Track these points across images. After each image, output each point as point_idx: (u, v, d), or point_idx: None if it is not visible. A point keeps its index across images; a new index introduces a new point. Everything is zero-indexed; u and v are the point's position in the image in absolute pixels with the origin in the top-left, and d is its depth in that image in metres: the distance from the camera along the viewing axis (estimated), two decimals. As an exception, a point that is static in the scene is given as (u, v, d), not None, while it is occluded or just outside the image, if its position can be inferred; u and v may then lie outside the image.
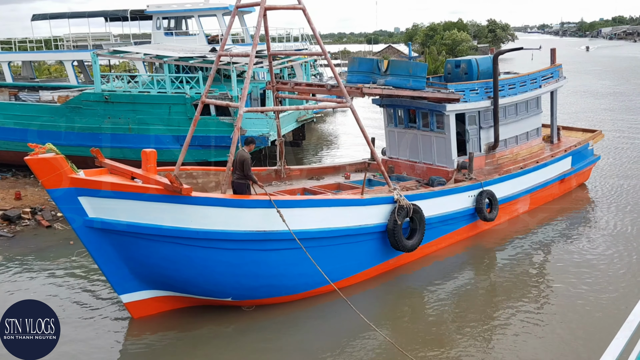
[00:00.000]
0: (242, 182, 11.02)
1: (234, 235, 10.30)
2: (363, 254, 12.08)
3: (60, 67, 42.38)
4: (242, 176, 11.00)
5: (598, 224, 15.77)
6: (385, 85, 13.75)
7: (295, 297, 11.39)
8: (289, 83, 14.56)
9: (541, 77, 17.07)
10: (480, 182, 14.26)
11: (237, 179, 11.07)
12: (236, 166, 11.02)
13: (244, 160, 10.94)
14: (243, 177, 11.01)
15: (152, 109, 19.67)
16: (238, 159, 10.99)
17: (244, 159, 10.96)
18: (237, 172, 11.05)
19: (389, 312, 11.56)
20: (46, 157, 9.44)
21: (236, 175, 11.07)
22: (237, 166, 11.00)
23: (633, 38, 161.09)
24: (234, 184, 11.13)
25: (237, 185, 11.06)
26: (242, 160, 10.95)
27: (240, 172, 10.99)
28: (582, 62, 78.94)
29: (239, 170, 11.00)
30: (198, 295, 11.08)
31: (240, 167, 10.95)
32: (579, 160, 18.19)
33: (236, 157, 11.02)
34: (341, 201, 11.66)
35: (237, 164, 10.99)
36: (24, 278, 13.01)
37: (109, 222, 10.05)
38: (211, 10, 27.96)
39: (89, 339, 10.38)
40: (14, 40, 33.33)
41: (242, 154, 11.04)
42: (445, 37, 73.21)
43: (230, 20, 12.13)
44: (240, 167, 10.96)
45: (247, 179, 11.00)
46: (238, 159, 10.99)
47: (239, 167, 10.98)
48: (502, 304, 11.37)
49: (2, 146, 21.27)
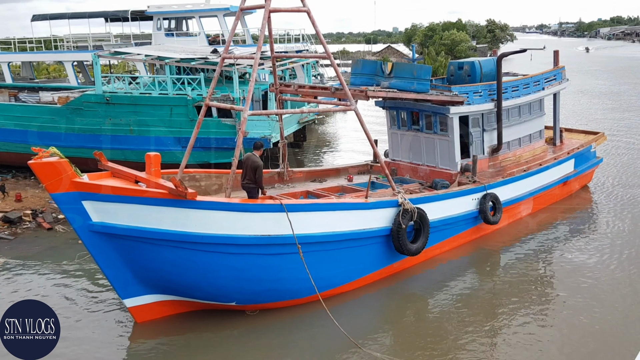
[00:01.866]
0: (254, 186, 11.11)
1: (239, 239, 10.23)
2: (367, 257, 12.02)
3: (59, 66, 42.25)
4: (254, 181, 11.06)
5: (600, 226, 15.74)
6: (389, 87, 13.69)
7: (299, 301, 11.32)
8: (293, 85, 14.48)
9: (544, 80, 17.03)
10: (484, 184, 14.21)
11: (247, 184, 11.12)
12: (247, 171, 11.04)
13: (257, 167, 10.99)
14: (254, 182, 11.06)
15: (153, 110, 19.60)
16: (250, 165, 11.01)
17: (257, 165, 11.00)
18: (247, 177, 11.08)
19: (392, 315, 11.51)
20: (50, 161, 9.37)
21: (246, 180, 11.11)
22: (249, 172, 11.02)
23: (631, 38, 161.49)
24: (246, 188, 11.20)
25: (250, 189, 11.15)
26: (256, 167, 10.99)
27: (252, 177, 11.03)
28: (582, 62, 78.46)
29: (250, 175, 11.02)
30: (202, 299, 11.02)
31: (253, 173, 10.99)
32: (582, 162, 18.15)
33: (247, 162, 11.04)
34: (346, 205, 11.59)
35: (249, 169, 11.01)
36: (25, 281, 12.90)
37: (112, 226, 9.98)
38: (212, 11, 27.92)
39: (92, 343, 10.30)
40: (14, 40, 33.21)
41: (255, 160, 11.07)
42: (444, 37, 73.13)
43: (234, 23, 12.04)
44: (252, 173, 10.99)
45: (257, 185, 11.08)
46: (250, 165, 11.01)
47: (250, 173, 11.01)
48: (505, 309, 11.31)
49: (2, 147, 21.17)
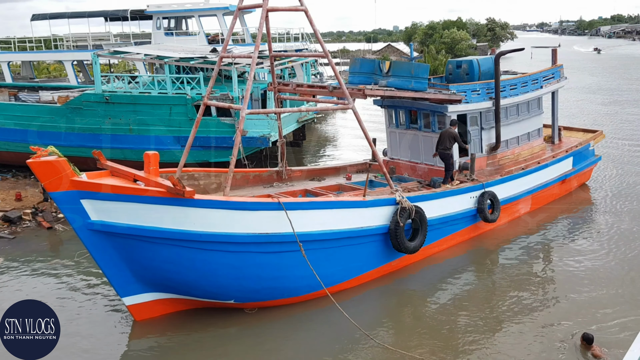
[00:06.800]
0: (448, 152, 13.84)
1: (237, 238, 10.27)
2: (365, 256, 12.07)
3: (60, 66, 42.29)
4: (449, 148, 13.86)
5: (599, 224, 15.78)
6: (387, 86, 13.72)
7: (298, 299, 11.38)
8: (291, 84, 14.52)
9: (542, 78, 17.06)
10: (482, 183, 14.25)
11: (443, 150, 13.84)
12: (444, 140, 13.81)
13: (455, 135, 13.79)
14: (449, 150, 13.86)
15: (152, 109, 19.64)
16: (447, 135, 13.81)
17: (454, 134, 13.82)
18: (442, 146, 13.86)
19: (390, 314, 11.55)
20: (49, 160, 9.41)
21: (441, 148, 13.87)
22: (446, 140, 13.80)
23: (632, 36, 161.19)
24: (441, 155, 13.93)
25: (445, 156, 13.87)
26: (454, 136, 13.76)
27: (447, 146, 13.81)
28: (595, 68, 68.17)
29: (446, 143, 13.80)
30: (201, 297, 11.07)
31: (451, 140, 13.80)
32: (580, 160, 18.19)
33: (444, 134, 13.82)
34: (344, 203, 11.63)
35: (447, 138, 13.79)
36: (24, 280, 12.97)
37: (111, 224, 10.02)
38: (211, 10, 27.94)
39: (91, 341, 10.36)
40: (14, 39, 33.24)
41: (451, 131, 13.79)
42: (445, 36, 73.14)
43: (232, 22, 12.05)
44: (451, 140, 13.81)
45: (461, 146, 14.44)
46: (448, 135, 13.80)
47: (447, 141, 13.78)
48: (503, 307, 11.35)
49: (2, 147, 21.22)
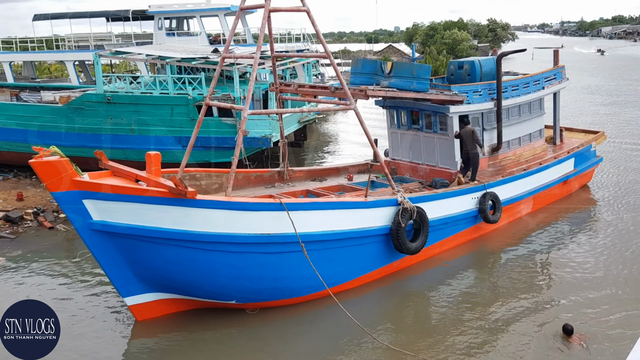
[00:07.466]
0: (475, 152, 14.09)
1: (239, 238, 10.27)
2: (367, 256, 12.06)
3: (61, 66, 42.33)
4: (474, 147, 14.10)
5: (600, 226, 15.75)
6: (388, 87, 13.71)
7: (300, 299, 11.38)
8: (292, 85, 14.51)
9: (544, 79, 17.05)
10: (484, 184, 14.24)
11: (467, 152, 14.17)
12: (467, 140, 14.04)
13: (473, 131, 14.09)
14: (475, 148, 14.11)
15: (154, 110, 19.65)
16: (464, 134, 14.06)
17: (472, 130, 14.14)
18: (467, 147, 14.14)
19: (391, 315, 11.54)
20: (50, 160, 9.40)
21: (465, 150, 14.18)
22: (469, 140, 14.03)
23: (633, 37, 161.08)
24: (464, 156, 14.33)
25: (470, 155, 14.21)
26: (472, 132, 14.06)
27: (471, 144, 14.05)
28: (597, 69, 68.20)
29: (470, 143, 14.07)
30: (202, 297, 11.07)
31: (471, 138, 14.02)
32: (582, 161, 18.17)
33: (464, 133, 14.06)
34: (345, 204, 11.63)
35: (469, 137, 14.02)
36: (26, 280, 12.97)
37: (113, 225, 10.02)
38: (213, 10, 27.99)
39: (92, 341, 10.36)
40: (15, 40, 33.27)
41: (467, 129, 14.09)
42: (446, 36, 73.06)
43: (234, 22, 12.06)
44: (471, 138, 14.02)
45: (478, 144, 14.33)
46: (465, 134, 14.06)
47: (470, 141, 14.02)
48: (504, 307, 11.34)
49: (4, 147, 21.25)
